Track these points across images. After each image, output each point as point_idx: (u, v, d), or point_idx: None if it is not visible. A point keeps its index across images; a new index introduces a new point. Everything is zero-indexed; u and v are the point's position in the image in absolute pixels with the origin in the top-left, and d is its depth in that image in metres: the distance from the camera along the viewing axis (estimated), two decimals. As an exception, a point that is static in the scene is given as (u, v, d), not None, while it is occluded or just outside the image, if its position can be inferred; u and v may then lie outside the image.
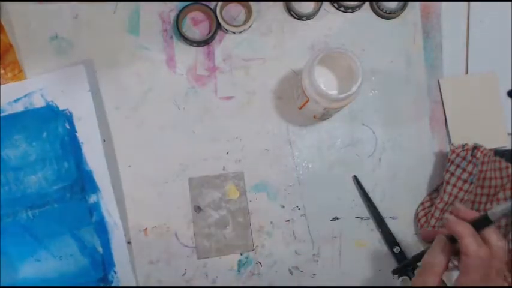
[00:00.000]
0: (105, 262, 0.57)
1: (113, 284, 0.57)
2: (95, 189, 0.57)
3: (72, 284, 0.56)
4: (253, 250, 0.60)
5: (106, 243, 0.57)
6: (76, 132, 0.58)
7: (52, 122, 0.58)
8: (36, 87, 0.58)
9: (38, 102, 0.58)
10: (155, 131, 0.61)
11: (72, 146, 0.58)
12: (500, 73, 0.64)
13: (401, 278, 0.58)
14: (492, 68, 0.64)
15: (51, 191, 0.57)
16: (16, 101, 0.58)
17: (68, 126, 0.58)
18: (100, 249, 0.57)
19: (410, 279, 0.57)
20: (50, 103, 0.58)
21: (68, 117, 0.58)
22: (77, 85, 0.58)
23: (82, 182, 0.57)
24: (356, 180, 0.61)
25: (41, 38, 0.61)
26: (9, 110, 0.58)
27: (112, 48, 0.61)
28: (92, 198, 0.57)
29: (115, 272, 0.57)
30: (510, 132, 0.63)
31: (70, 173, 0.58)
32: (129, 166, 0.60)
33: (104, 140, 0.59)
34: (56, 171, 0.58)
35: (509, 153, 0.62)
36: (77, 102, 0.58)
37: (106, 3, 0.61)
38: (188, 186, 0.60)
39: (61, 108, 0.58)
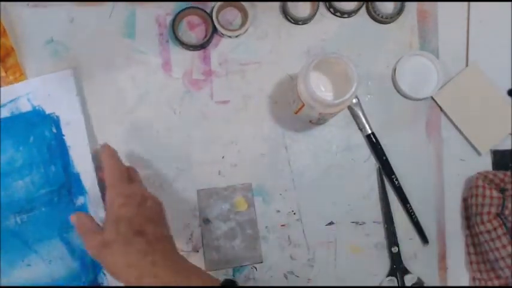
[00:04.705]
0: (94, 264, 0.57)
1: (105, 283, 0.57)
2: (82, 191, 0.57)
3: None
4: (261, 262, 0.60)
5: None
6: (63, 135, 0.58)
7: (39, 126, 0.58)
8: (23, 92, 0.58)
9: (25, 107, 0.58)
10: (151, 135, 0.61)
11: (59, 150, 0.58)
12: (500, 73, 0.64)
13: (389, 278, 0.61)
14: (492, 68, 0.64)
15: (38, 195, 0.57)
16: (3, 106, 0.58)
17: (54, 130, 0.58)
18: None
19: (397, 280, 0.60)
20: (37, 107, 0.58)
21: (55, 121, 0.58)
22: (65, 89, 0.58)
23: (69, 185, 0.57)
24: (380, 171, 0.62)
25: (37, 41, 0.60)
26: None
27: (108, 52, 0.61)
28: (79, 201, 0.57)
29: (104, 274, 0.57)
30: (510, 132, 0.63)
31: (57, 176, 0.57)
32: (125, 170, 0.60)
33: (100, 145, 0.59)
34: (43, 175, 0.57)
35: (509, 153, 0.63)
36: (64, 106, 0.58)
37: (102, 7, 0.61)
38: (183, 190, 0.60)
39: (48, 112, 0.58)
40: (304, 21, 0.63)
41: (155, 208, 0.50)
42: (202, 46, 0.61)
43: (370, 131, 0.62)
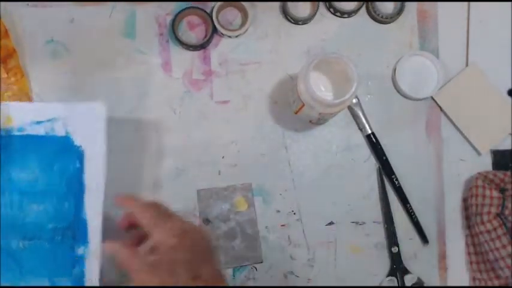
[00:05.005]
0: None
1: None
2: (84, 241, 0.53)
3: None
4: (261, 262, 0.60)
5: None
6: (83, 173, 0.53)
7: (65, 156, 0.53)
8: (60, 113, 0.54)
9: (59, 131, 0.54)
10: (151, 135, 0.61)
11: (76, 188, 0.53)
12: (500, 73, 0.64)
13: (389, 278, 0.61)
14: (492, 68, 0.63)
15: (47, 228, 0.53)
16: (39, 123, 0.54)
17: (78, 165, 0.53)
18: None
19: (397, 281, 0.61)
20: (69, 135, 0.54)
21: (79, 155, 0.53)
22: (94, 123, 0.53)
23: (74, 230, 0.53)
24: (380, 171, 0.62)
25: (37, 41, 0.60)
26: (29, 130, 0.54)
27: (108, 52, 0.61)
28: (80, 250, 0.53)
29: None
30: (510, 132, 0.63)
31: (67, 215, 0.53)
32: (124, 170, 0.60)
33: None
34: (55, 209, 0.53)
35: (509, 153, 0.63)
36: (91, 142, 0.53)
37: (102, 7, 0.61)
38: (183, 190, 0.60)
39: (76, 143, 0.54)
40: (304, 21, 0.63)
41: (205, 243, 0.48)
42: (202, 46, 0.61)
43: (370, 131, 0.62)
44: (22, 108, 0.54)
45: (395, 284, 0.61)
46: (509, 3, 0.65)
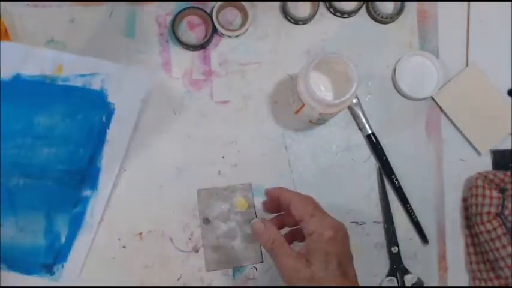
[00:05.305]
0: (60, 253, 0.56)
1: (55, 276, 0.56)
2: (93, 186, 0.57)
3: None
4: (262, 262, 0.60)
5: (71, 237, 0.57)
6: (108, 128, 0.57)
7: (93, 108, 0.57)
8: (103, 70, 0.58)
9: (95, 84, 0.58)
10: (151, 135, 0.61)
11: (96, 138, 0.57)
12: (500, 73, 0.64)
13: (389, 278, 0.61)
14: (492, 68, 0.63)
15: (54, 169, 0.57)
16: (82, 76, 0.57)
17: (104, 120, 0.57)
18: (63, 239, 0.56)
19: (397, 281, 0.60)
20: (104, 90, 0.58)
21: (109, 111, 0.58)
22: (135, 88, 0.58)
23: (85, 174, 0.57)
24: (380, 171, 0.62)
25: (37, 41, 0.60)
26: (71, 81, 0.57)
27: (108, 52, 0.61)
28: (86, 193, 0.57)
29: (62, 267, 0.57)
30: (510, 132, 0.63)
31: (80, 161, 0.57)
32: (125, 170, 0.60)
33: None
34: (69, 154, 0.57)
35: (509, 153, 0.63)
36: (125, 103, 0.58)
37: (102, 7, 0.61)
38: (183, 190, 0.60)
39: (109, 99, 0.58)
40: (304, 21, 0.63)
41: (349, 243, 0.48)
42: (202, 46, 0.61)
43: (370, 131, 0.62)
44: (75, 61, 0.57)
45: (395, 284, 0.61)
46: (509, 3, 0.65)
